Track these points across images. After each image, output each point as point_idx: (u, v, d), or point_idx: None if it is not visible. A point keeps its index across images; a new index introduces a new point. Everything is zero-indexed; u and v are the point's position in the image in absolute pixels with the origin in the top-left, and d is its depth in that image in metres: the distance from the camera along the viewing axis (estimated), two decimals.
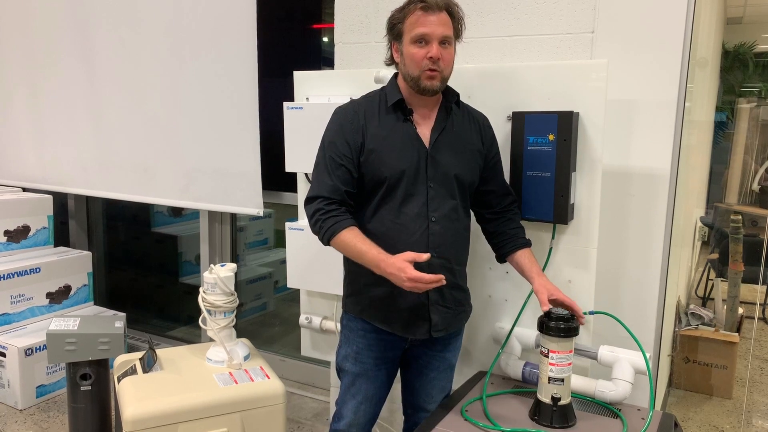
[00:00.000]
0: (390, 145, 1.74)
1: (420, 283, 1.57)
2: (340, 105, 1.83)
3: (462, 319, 1.91)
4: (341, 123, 1.77)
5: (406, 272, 1.57)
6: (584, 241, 1.95)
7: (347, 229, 1.69)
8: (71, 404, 2.54)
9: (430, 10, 1.66)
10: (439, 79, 1.70)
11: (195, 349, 2.49)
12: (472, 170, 1.82)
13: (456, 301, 1.85)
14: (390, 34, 1.76)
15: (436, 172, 1.75)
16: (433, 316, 1.80)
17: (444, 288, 1.76)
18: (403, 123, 1.76)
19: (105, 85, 3.40)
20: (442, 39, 1.67)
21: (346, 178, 1.73)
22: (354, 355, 1.89)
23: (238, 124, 2.93)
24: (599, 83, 1.86)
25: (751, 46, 5.62)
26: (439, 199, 1.75)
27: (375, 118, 1.77)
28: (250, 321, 3.86)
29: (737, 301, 3.69)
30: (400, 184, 1.73)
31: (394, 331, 1.82)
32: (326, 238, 1.72)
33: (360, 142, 1.74)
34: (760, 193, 4.89)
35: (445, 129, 1.78)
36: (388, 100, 1.78)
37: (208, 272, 2.34)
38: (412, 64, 1.69)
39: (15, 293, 3.26)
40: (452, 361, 1.96)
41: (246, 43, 2.83)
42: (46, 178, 3.77)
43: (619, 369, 1.82)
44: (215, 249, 3.51)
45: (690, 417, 3.12)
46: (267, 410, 2.20)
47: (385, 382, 1.94)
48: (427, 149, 1.75)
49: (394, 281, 1.61)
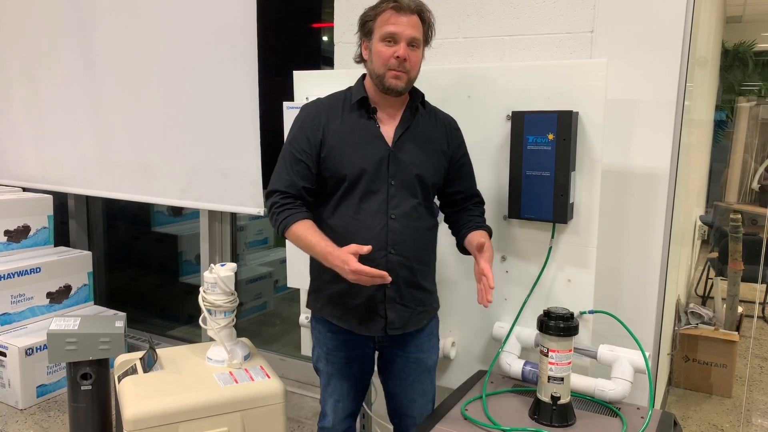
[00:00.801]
0: (351, 142, 1.75)
1: (362, 275, 1.58)
2: (306, 102, 1.85)
3: (423, 318, 1.88)
4: (303, 119, 1.80)
5: (349, 264, 1.58)
6: (584, 240, 1.96)
7: (300, 221, 1.72)
8: (72, 404, 2.54)
9: (402, 11, 1.68)
10: (405, 80, 1.72)
11: (195, 349, 2.49)
12: (436, 170, 1.83)
13: (416, 299, 1.84)
14: (361, 31, 1.78)
15: (398, 171, 1.76)
16: (389, 313, 1.80)
17: (402, 286, 1.79)
18: (366, 121, 1.78)
19: (105, 84, 3.40)
20: (411, 40, 1.70)
21: (305, 173, 1.76)
22: (325, 356, 1.91)
23: (239, 124, 2.94)
24: (599, 83, 1.86)
25: (750, 45, 5.63)
26: (400, 197, 1.76)
27: (338, 116, 1.78)
28: (250, 320, 3.86)
29: (737, 299, 3.70)
30: (361, 180, 1.74)
31: (351, 327, 1.83)
32: (281, 231, 1.75)
33: (320, 139, 1.76)
34: (760, 191, 4.89)
35: (409, 128, 1.79)
36: (352, 98, 1.80)
37: (208, 272, 2.34)
38: (378, 62, 1.71)
39: (15, 293, 3.26)
40: (428, 362, 1.93)
41: (246, 42, 2.84)
42: (46, 177, 3.78)
43: (618, 368, 1.82)
44: (215, 248, 3.51)
45: (690, 416, 3.12)
46: (267, 409, 2.20)
47: (360, 378, 1.95)
48: (390, 147, 1.76)
49: (340, 273, 1.63)
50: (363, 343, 1.89)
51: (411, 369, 1.91)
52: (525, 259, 2.06)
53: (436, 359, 1.97)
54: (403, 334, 1.86)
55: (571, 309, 1.73)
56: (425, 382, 1.94)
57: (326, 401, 1.96)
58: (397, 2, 1.69)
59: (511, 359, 1.99)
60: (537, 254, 2.03)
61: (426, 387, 1.95)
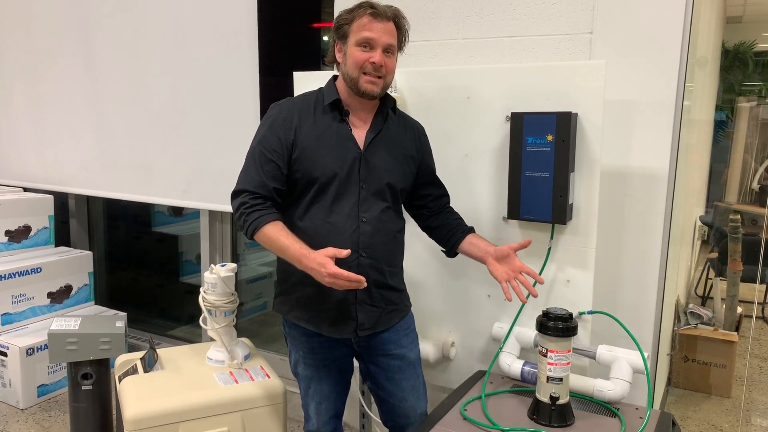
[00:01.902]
0: (323, 144, 1.75)
1: (339, 279, 1.56)
2: (276, 102, 1.84)
3: (393, 317, 1.89)
4: (274, 119, 1.78)
5: (327, 267, 1.57)
6: (583, 241, 1.96)
7: (271, 223, 1.70)
8: (72, 404, 2.55)
9: (379, 18, 1.70)
10: (381, 86, 1.73)
11: (196, 349, 2.50)
12: (405, 175, 1.85)
13: (386, 300, 1.85)
14: (335, 34, 1.78)
15: (369, 174, 1.77)
16: (359, 314, 1.81)
17: (372, 287, 1.79)
18: (338, 123, 1.78)
19: (106, 84, 3.40)
20: (386, 47, 1.71)
21: (276, 174, 1.74)
22: (302, 360, 1.91)
23: (239, 124, 2.94)
24: (598, 84, 1.87)
25: (750, 45, 5.62)
26: (371, 200, 1.77)
27: (310, 117, 1.78)
28: (250, 320, 3.87)
29: (736, 300, 3.70)
30: (333, 183, 1.74)
31: (321, 330, 1.83)
32: (250, 232, 1.72)
33: (291, 140, 1.74)
34: (760, 191, 4.89)
35: (380, 133, 1.81)
36: (325, 99, 1.79)
37: (208, 272, 2.35)
38: (353, 66, 1.71)
39: (16, 293, 3.27)
40: (410, 356, 1.93)
41: (247, 42, 2.84)
42: (47, 177, 3.78)
43: (617, 368, 1.82)
44: (216, 248, 3.52)
45: (689, 416, 3.13)
46: (267, 409, 2.21)
47: (340, 379, 1.95)
48: (361, 151, 1.77)
49: (314, 276, 1.62)
50: (338, 345, 1.89)
51: (395, 366, 1.91)
52: (524, 259, 2.06)
53: (418, 353, 1.97)
54: (378, 334, 1.87)
55: (570, 309, 1.74)
56: (412, 378, 1.93)
57: (308, 405, 1.95)
58: (375, 9, 1.70)
59: (511, 359, 2.00)
60: (536, 255, 2.03)
61: (414, 383, 1.94)
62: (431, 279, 2.26)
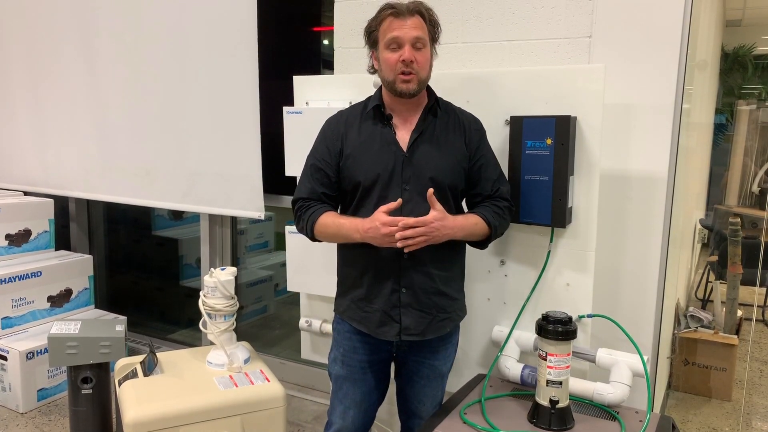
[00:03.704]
0: (367, 149, 1.78)
1: (394, 227, 1.62)
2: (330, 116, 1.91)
3: (445, 326, 1.85)
4: (325, 131, 1.87)
5: (380, 219, 1.64)
6: (582, 244, 1.96)
7: (325, 214, 1.79)
8: (72, 407, 2.55)
9: (401, 15, 1.70)
10: (416, 82, 1.72)
11: (195, 353, 2.50)
12: (452, 172, 1.79)
13: (436, 306, 1.82)
14: (368, 43, 1.81)
15: (412, 175, 1.76)
16: (403, 318, 1.80)
17: (419, 291, 1.78)
18: (382, 128, 1.79)
19: (107, 88, 3.41)
20: (414, 41, 1.70)
21: (325, 181, 1.82)
22: (341, 357, 1.91)
23: (239, 128, 2.95)
24: (597, 87, 1.87)
25: (750, 49, 5.63)
26: (415, 201, 1.74)
27: (356, 125, 1.82)
28: (250, 324, 3.86)
29: (736, 303, 3.69)
30: (375, 186, 1.76)
31: (369, 330, 1.83)
32: (309, 229, 1.80)
33: (339, 148, 1.81)
34: (760, 194, 4.89)
35: (425, 132, 1.79)
36: (368, 106, 1.82)
37: (208, 276, 2.35)
38: (387, 69, 1.73)
39: (16, 297, 3.27)
40: (442, 369, 1.93)
41: (247, 46, 2.85)
42: (47, 181, 3.79)
43: (617, 372, 1.82)
44: (216, 252, 3.52)
45: (689, 419, 3.12)
46: (267, 413, 2.21)
47: (374, 388, 1.93)
48: (404, 153, 1.76)
49: (372, 237, 1.67)
50: (380, 348, 1.88)
51: (424, 373, 1.91)
52: (524, 263, 2.07)
53: (450, 366, 1.97)
54: (424, 341, 1.85)
55: (570, 313, 1.74)
56: (436, 388, 1.94)
57: (335, 408, 1.94)
58: (395, 7, 1.71)
59: (510, 363, 2.00)
60: (536, 258, 2.04)
61: (435, 392, 1.95)
62: None
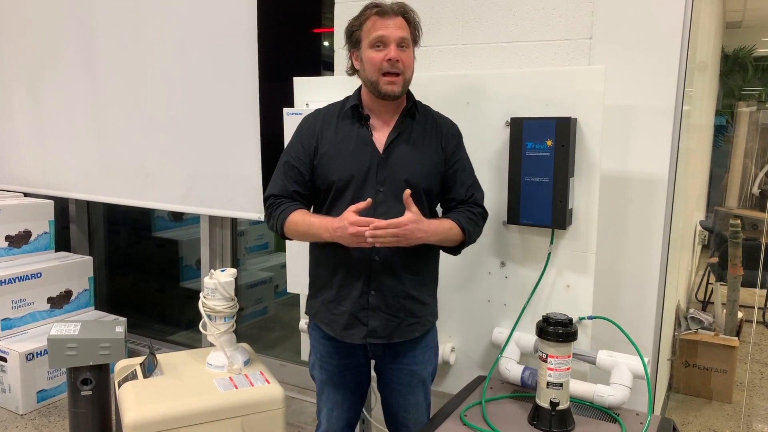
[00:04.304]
0: (342, 149, 1.76)
1: (361, 227, 1.59)
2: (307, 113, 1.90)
3: (413, 330, 1.82)
4: (300, 128, 1.85)
5: (348, 218, 1.61)
6: (583, 246, 1.96)
7: (295, 211, 1.77)
8: (72, 409, 2.54)
9: (386, 15, 1.70)
10: (401, 83, 1.71)
11: (195, 354, 2.49)
12: (429, 176, 1.78)
13: (405, 310, 1.79)
14: (348, 43, 1.80)
15: (387, 177, 1.74)
16: (371, 321, 1.78)
17: (388, 294, 1.77)
18: (359, 128, 1.78)
19: (106, 89, 3.41)
20: (400, 41, 1.70)
21: (298, 179, 1.81)
22: (319, 363, 1.91)
23: (239, 129, 2.95)
24: (597, 89, 1.87)
25: (750, 50, 5.64)
26: (389, 203, 1.72)
27: (332, 124, 1.81)
28: (250, 325, 3.86)
29: (737, 305, 3.69)
30: (349, 187, 1.74)
31: (335, 334, 1.82)
32: (279, 225, 1.78)
33: (314, 146, 1.79)
34: (760, 196, 4.89)
35: (402, 134, 1.78)
36: (346, 106, 1.81)
37: (208, 277, 2.35)
38: (371, 68, 1.71)
39: (16, 298, 3.27)
40: (422, 374, 1.88)
41: (247, 47, 2.85)
42: (47, 182, 3.79)
43: (617, 374, 1.82)
44: (216, 253, 3.52)
45: (690, 421, 3.12)
46: (267, 415, 2.20)
47: (355, 389, 1.93)
48: (380, 154, 1.75)
49: (340, 237, 1.64)
50: (354, 352, 1.87)
51: (405, 380, 1.88)
52: (524, 264, 2.07)
53: (431, 371, 1.93)
54: (393, 345, 1.83)
55: (570, 315, 1.74)
56: (418, 394, 1.90)
57: (321, 409, 1.96)
58: (380, 7, 1.71)
59: (511, 365, 1.99)
60: (536, 260, 2.03)
61: (419, 398, 1.91)
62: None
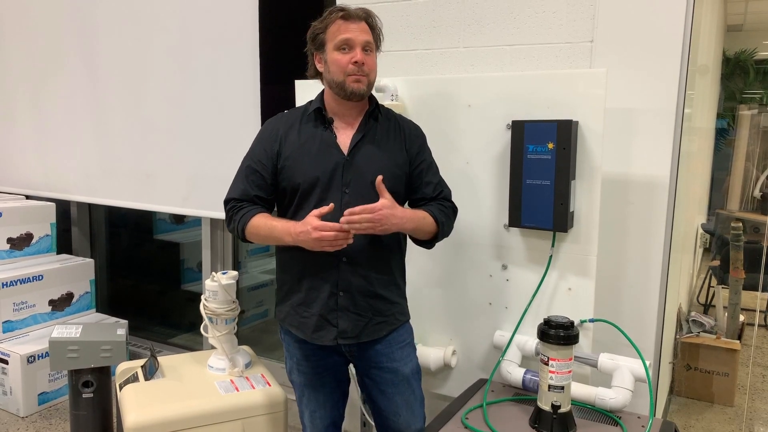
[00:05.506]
0: (306, 152, 1.77)
1: (324, 232, 1.59)
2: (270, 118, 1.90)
3: (381, 329, 1.82)
4: (262, 132, 1.86)
5: (311, 223, 1.61)
6: (584, 248, 1.96)
7: (257, 215, 1.76)
8: (73, 411, 2.54)
9: (351, 19, 1.72)
10: (366, 83, 1.73)
11: (196, 357, 2.50)
12: (394, 177, 1.78)
13: (372, 309, 1.80)
14: (312, 45, 1.80)
15: (352, 179, 1.75)
16: (340, 322, 1.78)
17: (356, 294, 1.77)
18: (323, 131, 1.79)
19: (108, 92, 3.42)
20: (365, 45, 1.72)
21: (260, 183, 1.80)
22: (296, 367, 1.90)
23: (241, 132, 2.95)
24: (598, 92, 1.88)
25: (751, 54, 5.65)
26: (355, 205, 1.69)
27: (295, 127, 1.81)
28: (251, 328, 3.86)
29: (738, 308, 3.69)
30: (314, 189, 1.75)
31: (305, 336, 1.82)
32: (240, 229, 1.78)
33: (276, 150, 1.79)
34: (762, 199, 4.89)
35: (366, 136, 1.79)
36: (309, 109, 1.82)
37: (209, 280, 2.35)
38: (336, 70, 1.72)
39: (17, 300, 3.27)
40: (404, 371, 1.86)
41: (247, 50, 2.85)
42: (49, 185, 3.79)
43: (619, 377, 1.82)
44: (217, 256, 3.52)
45: (691, 424, 3.11)
46: (268, 417, 2.20)
47: (335, 387, 1.93)
48: (345, 156, 1.76)
49: (303, 241, 1.64)
50: (329, 353, 1.86)
51: (388, 380, 1.85)
52: (525, 267, 2.07)
53: (414, 367, 1.89)
54: (368, 346, 1.83)
55: (572, 317, 1.74)
56: (406, 393, 1.87)
57: (303, 413, 1.95)
58: (345, 10, 1.72)
59: (512, 368, 1.99)
60: (537, 263, 2.03)
61: (408, 398, 1.87)
62: (432, 287, 2.26)
